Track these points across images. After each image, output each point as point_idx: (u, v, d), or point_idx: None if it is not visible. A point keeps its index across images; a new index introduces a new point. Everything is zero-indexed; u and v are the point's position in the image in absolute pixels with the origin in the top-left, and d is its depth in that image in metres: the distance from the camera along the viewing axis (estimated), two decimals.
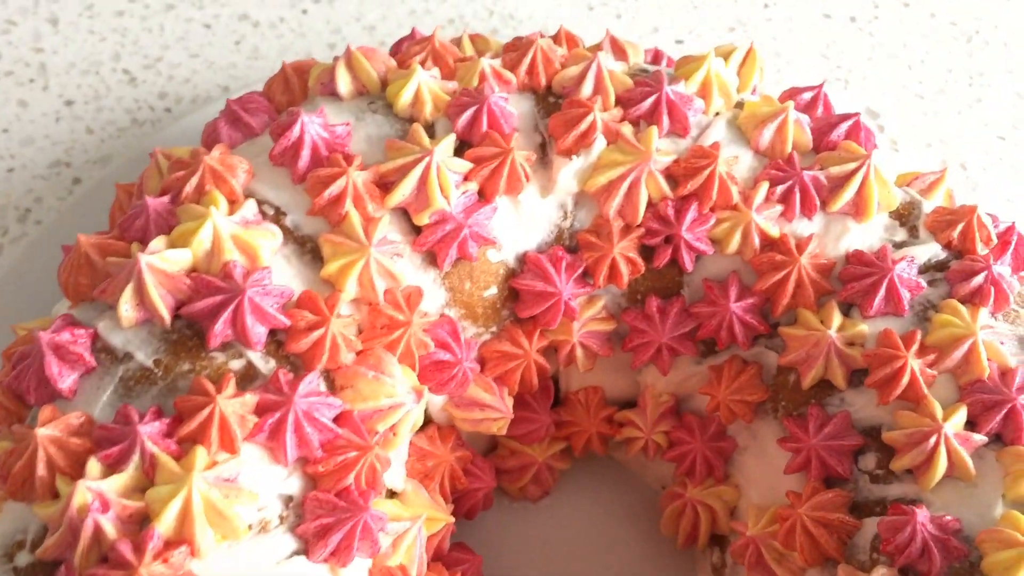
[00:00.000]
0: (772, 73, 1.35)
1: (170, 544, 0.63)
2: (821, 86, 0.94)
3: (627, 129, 0.85)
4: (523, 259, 0.85)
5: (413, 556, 0.76)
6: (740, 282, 0.86)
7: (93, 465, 0.65)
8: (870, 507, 0.80)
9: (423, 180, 0.78)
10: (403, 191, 0.78)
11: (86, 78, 1.18)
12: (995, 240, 0.87)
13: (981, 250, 0.85)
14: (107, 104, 1.17)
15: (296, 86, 0.87)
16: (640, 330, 0.88)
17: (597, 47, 0.94)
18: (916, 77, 1.38)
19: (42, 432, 0.65)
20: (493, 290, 0.84)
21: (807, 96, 0.93)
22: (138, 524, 0.63)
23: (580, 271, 0.85)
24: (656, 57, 1.00)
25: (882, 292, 0.82)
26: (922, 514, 0.75)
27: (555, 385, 0.96)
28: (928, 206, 0.90)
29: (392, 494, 0.83)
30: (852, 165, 0.85)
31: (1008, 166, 1.32)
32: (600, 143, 0.83)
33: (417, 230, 0.80)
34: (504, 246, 0.84)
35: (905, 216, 0.89)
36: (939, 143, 1.33)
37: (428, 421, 0.88)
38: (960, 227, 0.86)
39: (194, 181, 0.76)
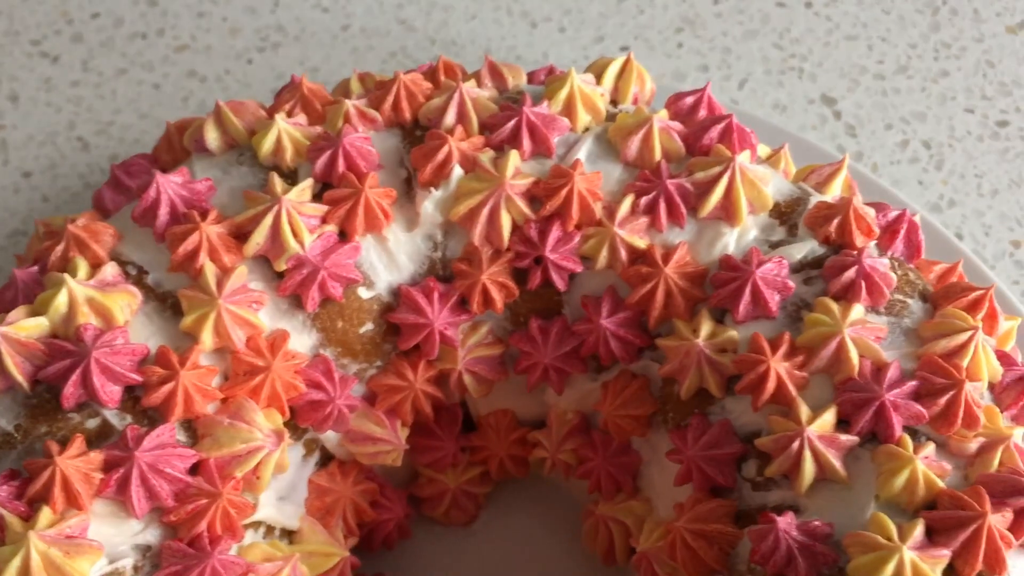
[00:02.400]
0: (722, 70, 1.32)
1: None
2: (704, 89, 0.93)
3: (485, 156, 0.85)
4: (398, 293, 0.86)
5: None
6: (616, 297, 0.85)
7: None
8: (752, 515, 0.79)
9: (275, 227, 0.80)
10: (257, 239, 0.80)
11: (43, 149, 1.25)
12: (877, 231, 0.84)
13: (860, 242, 0.83)
14: (62, 172, 1.23)
15: (178, 145, 0.91)
16: (527, 352, 0.88)
17: (475, 74, 0.94)
18: (876, 57, 1.33)
19: None
20: (369, 326, 0.86)
21: (689, 101, 0.92)
22: None
23: (457, 299, 0.86)
24: (551, 74, 0.99)
25: (747, 296, 0.80)
26: (784, 521, 0.73)
27: (467, 411, 0.97)
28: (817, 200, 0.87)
29: (289, 534, 0.86)
30: (717, 169, 0.84)
31: (976, 139, 1.27)
32: (457, 172, 0.84)
33: (281, 276, 0.82)
34: (376, 283, 0.85)
35: (787, 214, 0.86)
36: (900, 122, 1.28)
37: (330, 458, 0.90)
38: (837, 221, 0.83)
39: (59, 250, 0.81)
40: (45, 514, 0.69)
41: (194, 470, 0.76)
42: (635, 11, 1.37)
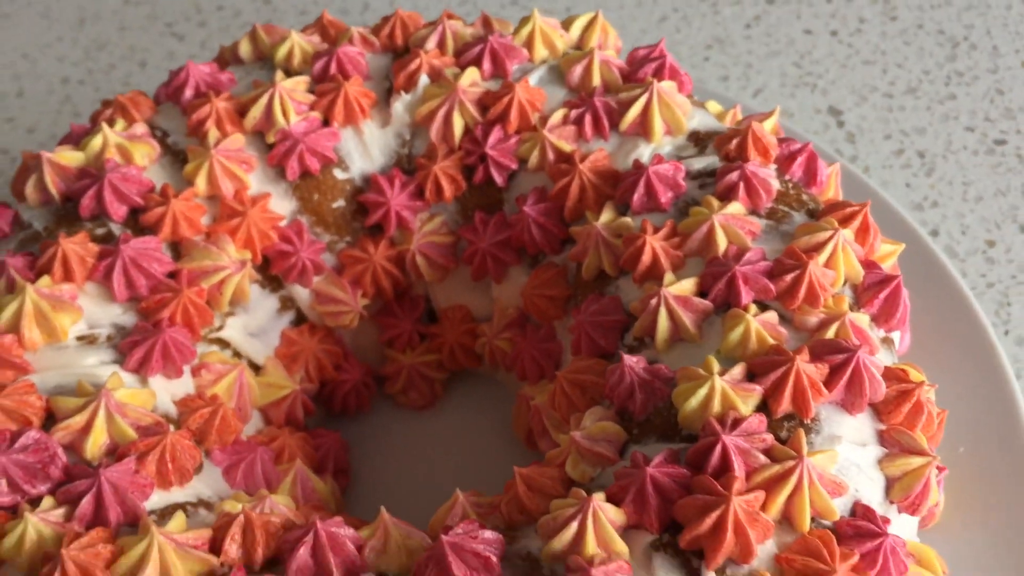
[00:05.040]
0: (740, 81, 1.46)
1: (6, 334, 0.86)
2: (660, 43, 1.07)
3: (450, 71, 1.03)
4: (369, 179, 1.04)
5: (231, 394, 0.94)
6: (543, 192, 1.00)
7: None
8: None
9: (269, 105, 1.00)
10: (254, 114, 1.00)
11: None
12: (774, 152, 0.96)
13: (753, 157, 0.95)
14: None
15: (223, 60, 1.13)
16: (470, 240, 1.03)
17: (472, 24, 1.13)
18: (888, 79, 1.44)
19: None
20: (341, 202, 1.03)
21: (643, 52, 1.07)
22: None
23: (415, 188, 1.03)
24: None
25: (641, 188, 0.93)
26: (630, 359, 0.84)
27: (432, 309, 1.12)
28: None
29: (256, 368, 1.03)
30: (638, 91, 0.98)
31: (971, 153, 1.35)
32: (424, 80, 1.02)
33: (271, 149, 1.01)
34: (351, 167, 1.03)
35: (704, 140, 0.99)
36: (899, 134, 1.38)
37: (303, 319, 1.07)
38: (737, 140, 0.96)
39: (108, 112, 1.03)
40: (44, 279, 0.89)
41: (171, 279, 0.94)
42: (672, 30, 1.53)
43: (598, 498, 0.75)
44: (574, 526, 0.74)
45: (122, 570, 0.73)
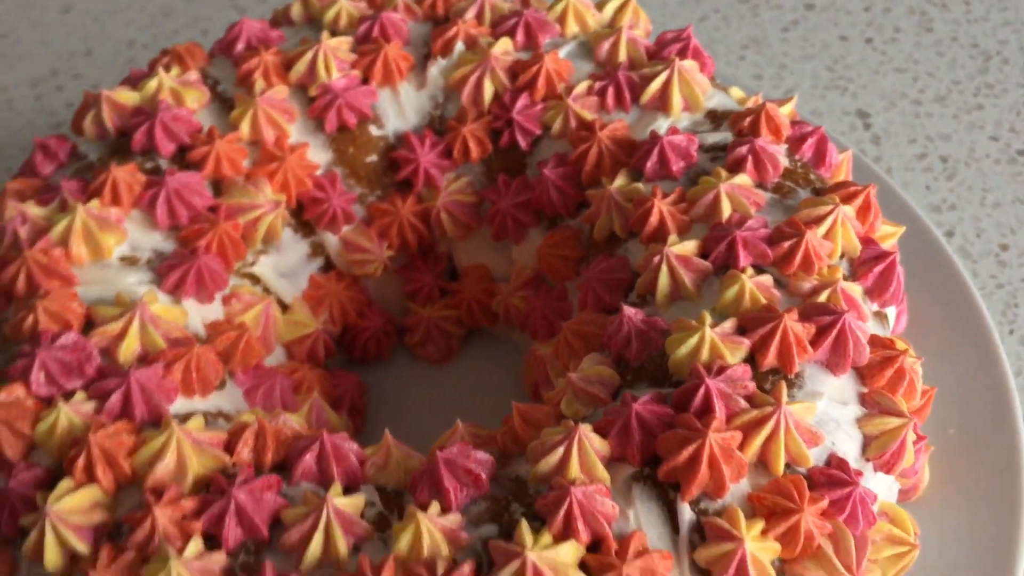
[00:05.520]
0: (772, 81, 1.50)
1: (56, 247, 0.94)
2: (687, 28, 1.13)
3: (484, 40, 1.09)
4: (402, 138, 1.10)
5: (257, 323, 1.01)
6: (563, 157, 1.05)
7: (31, 204, 0.97)
8: None
9: (313, 61, 1.07)
10: (299, 68, 1.07)
11: None
12: (785, 132, 1.00)
13: (765, 135, 0.99)
14: None
15: (275, 20, 1.20)
16: (493, 200, 1.09)
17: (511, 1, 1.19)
18: (919, 87, 1.48)
19: (11, 186, 1.00)
20: (374, 157, 1.10)
21: (670, 35, 1.12)
22: (43, 233, 0.95)
23: (444, 148, 1.09)
24: None
25: (654, 156, 0.98)
26: (630, 310, 0.89)
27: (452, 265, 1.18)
28: None
29: (284, 307, 1.09)
30: (659, 67, 1.04)
31: (993, 162, 1.38)
32: (459, 47, 1.08)
33: (313, 102, 1.08)
34: (386, 125, 1.10)
35: (721, 118, 1.04)
36: (924, 139, 1.41)
37: (332, 267, 1.13)
38: (750, 118, 1.01)
39: (165, 60, 1.10)
40: (94, 202, 0.97)
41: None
42: (711, 28, 1.58)
43: (585, 428, 0.80)
44: (560, 451, 0.79)
45: (142, 458, 0.79)
